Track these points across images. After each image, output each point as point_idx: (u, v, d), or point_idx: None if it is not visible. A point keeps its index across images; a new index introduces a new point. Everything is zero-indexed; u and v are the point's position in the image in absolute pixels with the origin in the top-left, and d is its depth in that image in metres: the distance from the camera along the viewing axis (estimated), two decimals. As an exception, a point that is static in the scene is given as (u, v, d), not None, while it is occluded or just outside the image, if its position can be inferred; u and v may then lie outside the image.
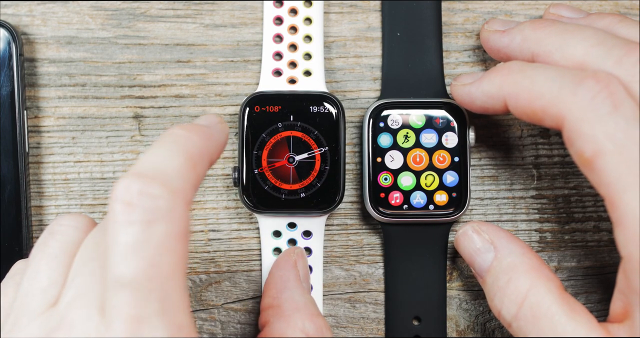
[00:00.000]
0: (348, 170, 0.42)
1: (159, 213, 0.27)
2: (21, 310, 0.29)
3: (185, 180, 0.28)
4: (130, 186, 0.27)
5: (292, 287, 0.36)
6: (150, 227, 0.26)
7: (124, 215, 0.26)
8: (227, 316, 0.42)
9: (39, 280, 0.30)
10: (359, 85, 0.42)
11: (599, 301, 0.42)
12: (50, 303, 0.29)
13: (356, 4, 0.42)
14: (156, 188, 0.27)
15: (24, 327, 0.28)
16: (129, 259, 0.26)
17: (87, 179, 0.42)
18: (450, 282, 0.42)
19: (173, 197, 0.27)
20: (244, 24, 0.42)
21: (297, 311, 0.35)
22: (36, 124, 0.41)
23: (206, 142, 0.30)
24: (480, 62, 0.42)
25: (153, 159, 0.28)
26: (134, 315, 0.26)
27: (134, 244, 0.26)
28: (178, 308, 0.26)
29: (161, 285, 0.26)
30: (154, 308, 0.26)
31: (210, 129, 0.31)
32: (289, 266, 0.38)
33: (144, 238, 0.26)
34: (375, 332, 0.42)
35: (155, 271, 0.26)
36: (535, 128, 0.42)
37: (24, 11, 0.41)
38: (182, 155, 0.29)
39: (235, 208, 0.42)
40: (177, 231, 0.27)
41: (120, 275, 0.26)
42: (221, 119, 0.33)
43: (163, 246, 0.26)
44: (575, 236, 0.42)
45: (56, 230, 0.31)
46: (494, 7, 0.43)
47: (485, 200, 0.42)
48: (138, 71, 0.42)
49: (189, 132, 0.30)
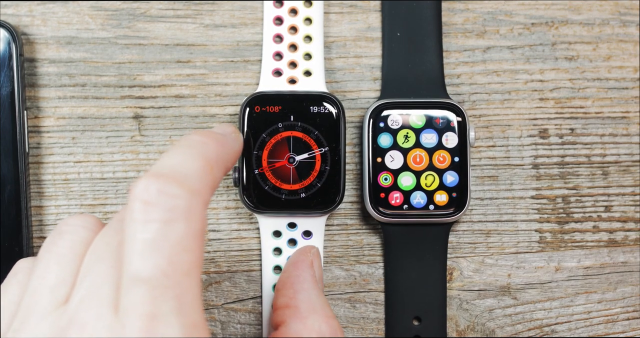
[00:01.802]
0: (348, 170, 0.42)
1: (177, 213, 0.27)
2: (30, 309, 0.29)
3: (203, 182, 0.29)
4: (149, 185, 0.27)
5: (308, 288, 0.37)
6: (168, 226, 0.26)
7: (142, 214, 0.27)
8: (227, 316, 0.42)
9: (47, 278, 0.30)
10: (359, 85, 0.42)
11: (599, 301, 0.42)
12: (60, 302, 0.29)
13: (356, 4, 0.42)
14: (175, 188, 0.27)
15: (34, 326, 0.28)
16: (146, 256, 0.26)
17: (87, 179, 0.42)
18: (450, 282, 0.42)
19: (191, 197, 0.27)
20: (244, 24, 0.42)
21: (314, 312, 0.35)
22: (36, 124, 0.41)
23: (222, 149, 0.31)
24: (480, 62, 0.42)
25: (171, 161, 0.29)
26: (150, 312, 0.26)
27: (152, 242, 0.26)
28: (193, 307, 0.26)
29: (178, 284, 0.26)
30: (170, 306, 0.26)
31: (225, 137, 0.32)
32: (306, 266, 0.38)
33: (162, 236, 0.26)
34: (376, 332, 0.42)
35: (172, 269, 0.26)
36: (535, 128, 0.42)
37: (24, 11, 0.41)
38: (199, 158, 0.29)
39: (235, 208, 0.42)
40: (194, 230, 0.27)
41: (137, 272, 0.26)
42: (236, 129, 0.34)
43: (181, 245, 0.27)
44: (575, 236, 0.42)
45: (65, 230, 0.31)
46: (494, 7, 0.43)
47: (485, 200, 0.42)
48: (138, 71, 0.42)
49: (205, 138, 0.31)
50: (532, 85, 0.42)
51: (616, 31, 0.43)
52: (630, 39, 0.43)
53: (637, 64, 0.43)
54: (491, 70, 0.42)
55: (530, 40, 0.43)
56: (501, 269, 0.42)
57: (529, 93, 0.42)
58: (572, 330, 0.42)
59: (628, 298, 0.43)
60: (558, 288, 0.42)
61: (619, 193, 0.43)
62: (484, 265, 0.42)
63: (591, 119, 0.43)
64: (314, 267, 0.38)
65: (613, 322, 0.42)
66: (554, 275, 0.42)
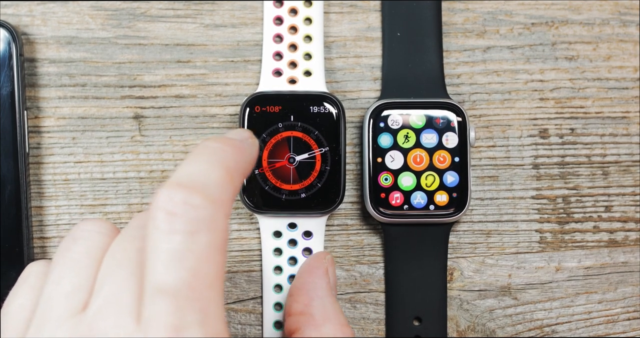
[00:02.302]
0: (348, 171, 0.42)
1: (201, 224, 0.27)
2: (46, 316, 0.28)
3: (225, 192, 0.28)
4: (173, 196, 0.27)
5: (323, 295, 0.37)
6: (193, 237, 0.26)
7: (167, 224, 0.26)
8: (227, 316, 0.42)
9: (63, 285, 0.29)
10: (359, 85, 0.42)
11: (599, 301, 0.42)
12: (77, 309, 0.28)
13: (356, 4, 0.42)
14: (199, 199, 0.27)
15: (50, 333, 0.28)
16: (171, 268, 0.26)
17: (87, 179, 0.42)
18: (450, 282, 0.42)
19: (214, 208, 0.27)
20: (244, 24, 0.42)
21: (328, 320, 0.35)
22: (36, 124, 0.41)
23: (240, 156, 0.31)
24: (480, 62, 0.42)
25: (193, 170, 0.28)
26: (174, 323, 0.25)
27: (177, 253, 0.26)
28: (217, 318, 0.26)
29: (202, 295, 0.26)
30: (195, 318, 0.26)
31: (242, 143, 0.32)
32: (321, 273, 0.38)
33: (187, 247, 0.26)
34: (376, 332, 0.42)
35: (197, 281, 0.26)
36: (535, 128, 0.42)
37: (24, 11, 0.41)
38: (220, 168, 0.29)
39: (235, 208, 0.42)
40: (218, 242, 0.27)
41: (162, 283, 0.26)
42: (251, 134, 0.33)
43: (205, 256, 0.26)
44: (575, 236, 0.42)
45: (79, 235, 0.31)
46: (494, 7, 0.43)
47: (485, 200, 0.42)
48: (138, 71, 0.42)
49: (224, 145, 0.30)
50: (532, 85, 0.42)
51: (616, 31, 0.43)
52: (630, 39, 0.43)
53: (637, 64, 0.43)
54: (491, 70, 0.42)
55: (530, 40, 0.43)
56: (501, 269, 0.42)
57: (529, 93, 0.42)
58: (572, 330, 0.42)
59: (629, 298, 0.43)
60: (558, 288, 0.42)
61: (619, 193, 0.43)
62: (485, 265, 0.42)
63: (591, 118, 0.43)
64: (329, 274, 0.38)
65: (613, 322, 0.42)
66: (555, 276, 0.42)
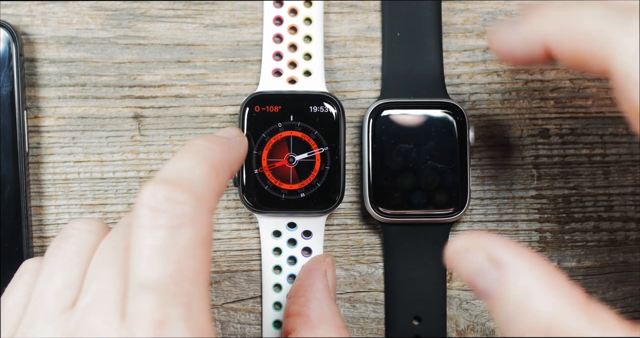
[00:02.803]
0: (348, 170, 0.42)
1: (184, 219, 0.27)
2: (36, 312, 0.29)
3: (209, 188, 0.29)
4: (156, 192, 0.27)
5: (320, 297, 0.37)
6: (176, 232, 0.27)
7: (150, 220, 0.27)
8: (227, 316, 0.42)
9: (54, 282, 0.29)
10: (359, 85, 0.42)
11: (599, 301, 0.42)
12: (66, 306, 0.29)
13: (356, 4, 0.42)
14: (182, 194, 0.27)
15: (40, 329, 0.28)
16: (154, 263, 0.26)
17: (87, 179, 0.42)
18: (450, 282, 0.42)
19: (198, 204, 0.28)
20: (244, 24, 0.42)
21: (325, 322, 0.35)
22: (36, 124, 0.41)
23: (227, 153, 0.31)
24: (480, 62, 0.42)
25: (177, 167, 0.29)
26: (158, 319, 0.26)
27: (160, 248, 0.26)
28: (201, 313, 0.27)
29: (186, 290, 0.26)
30: (179, 313, 0.26)
31: (230, 141, 0.32)
32: (320, 275, 0.38)
33: (170, 242, 0.26)
34: (375, 332, 0.42)
35: (180, 275, 0.26)
36: (535, 128, 0.42)
37: (24, 11, 0.41)
38: (205, 164, 0.29)
39: (235, 208, 0.42)
40: (201, 237, 0.27)
41: (145, 278, 0.26)
42: (240, 132, 0.34)
43: (188, 251, 0.27)
44: (575, 236, 0.42)
45: (70, 233, 0.31)
46: (494, 7, 0.42)
47: (485, 200, 0.42)
48: (138, 71, 0.42)
49: (211, 143, 0.31)
50: (533, 85, 0.42)
51: (616, 31, 0.43)
52: (630, 38, 0.43)
53: (637, 63, 0.43)
54: (491, 70, 0.42)
55: (530, 40, 0.42)
56: (501, 269, 0.42)
57: (529, 93, 0.42)
58: (572, 330, 0.42)
59: (629, 298, 0.42)
60: (558, 288, 0.42)
61: (619, 193, 0.43)
62: (484, 265, 0.42)
63: (591, 118, 0.43)
64: (328, 277, 0.38)
65: (613, 322, 0.42)
66: (554, 275, 0.42)
